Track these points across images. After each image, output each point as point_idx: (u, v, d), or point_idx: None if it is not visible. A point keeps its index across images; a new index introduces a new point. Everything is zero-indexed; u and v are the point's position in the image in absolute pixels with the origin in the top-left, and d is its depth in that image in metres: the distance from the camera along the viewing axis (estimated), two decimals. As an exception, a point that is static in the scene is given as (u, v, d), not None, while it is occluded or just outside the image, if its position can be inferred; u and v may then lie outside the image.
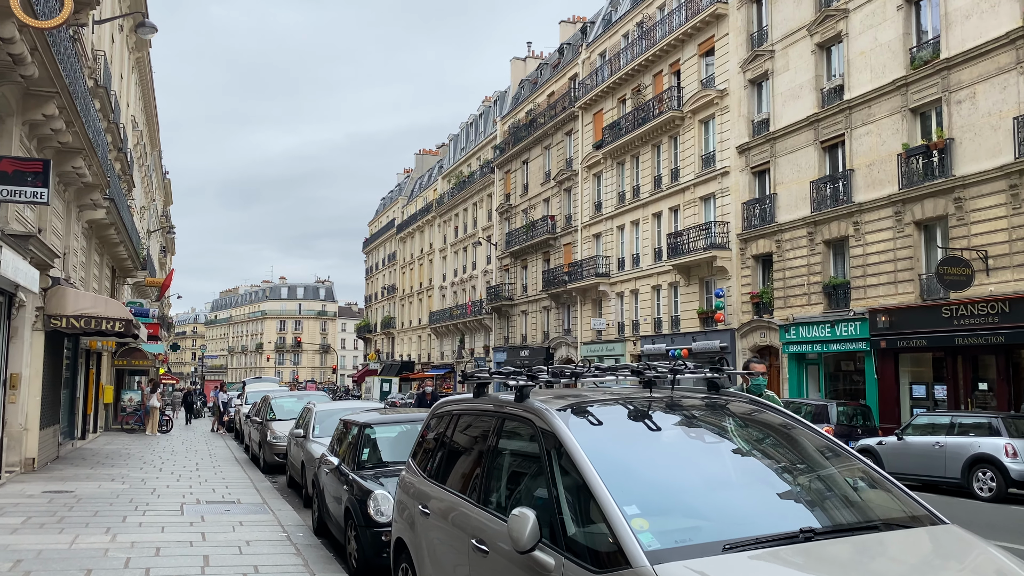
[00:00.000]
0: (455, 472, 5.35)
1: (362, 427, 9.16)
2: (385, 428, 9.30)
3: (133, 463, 18.24)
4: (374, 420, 9.32)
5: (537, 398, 4.69)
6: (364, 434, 9.08)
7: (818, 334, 25.93)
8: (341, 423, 10.43)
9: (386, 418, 9.47)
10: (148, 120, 45.58)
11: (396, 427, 9.36)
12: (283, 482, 16.23)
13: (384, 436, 9.23)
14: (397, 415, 9.59)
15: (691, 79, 33.87)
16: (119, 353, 30.60)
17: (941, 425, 16.70)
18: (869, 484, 4.26)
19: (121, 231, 26.19)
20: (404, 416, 9.55)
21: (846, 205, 25.23)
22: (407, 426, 9.35)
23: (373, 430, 9.19)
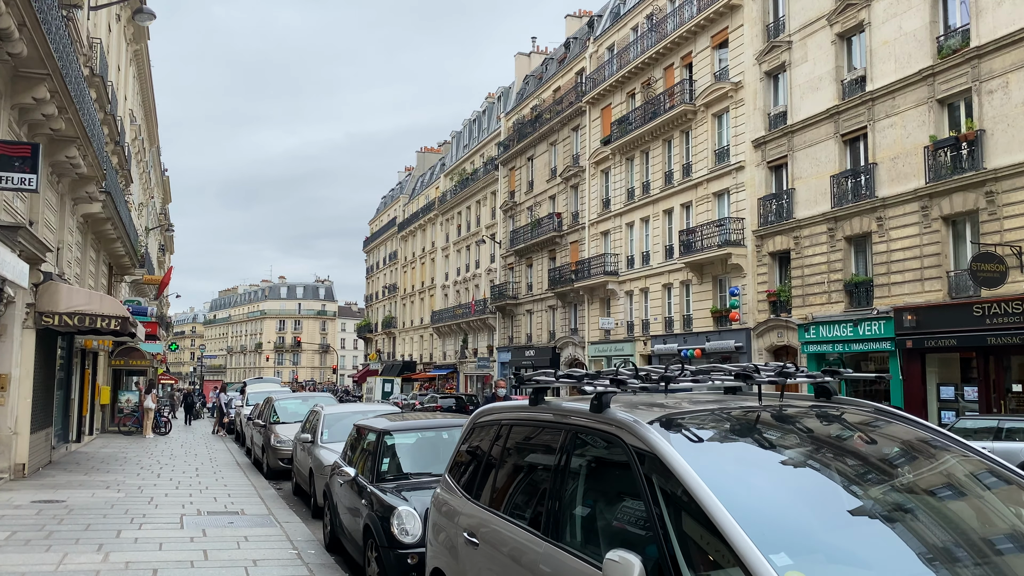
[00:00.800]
0: (510, 495, 4.48)
1: (380, 434, 8.28)
2: (406, 435, 8.42)
3: (129, 468, 17.35)
4: (394, 427, 8.44)
5: (619, 408, 3.81)
6: (383, 442, 8.21)
7: (839, 333, 25.07)
8: (355, 429, 9.56)
9: (407, 424, 8.59)
10: (147, 115, 44.70)
11: (417, 434, 8.49)
12: (288, 489, 15.36)
13: (405, 444, 8.36)
14: (419, 421, 8.71)
15: (704, 72, 33.00)
16: (116, 353, 29.71)
17: (987, 429, 15.83)
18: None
19: (118, 226, 25.31)
20: (426, 422, 8.67)
21: (869, 200, 24.37)
22: (429, 433, 8.48)
23: (392, 437, 8.31)
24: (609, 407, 3.82)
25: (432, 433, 8.47)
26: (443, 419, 8.82)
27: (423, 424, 8.61)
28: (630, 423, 3.54)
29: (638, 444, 3.42)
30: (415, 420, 8.76)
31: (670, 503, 3.15)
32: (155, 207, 55.82)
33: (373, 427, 8.63)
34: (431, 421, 8.68)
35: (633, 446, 3.45)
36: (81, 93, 16.36)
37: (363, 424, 9.18)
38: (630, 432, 3.51)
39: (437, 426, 8.57)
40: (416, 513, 6.98)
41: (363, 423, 9.26)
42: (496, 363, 52.90)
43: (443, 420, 8.76)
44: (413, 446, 8.35)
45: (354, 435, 9.59)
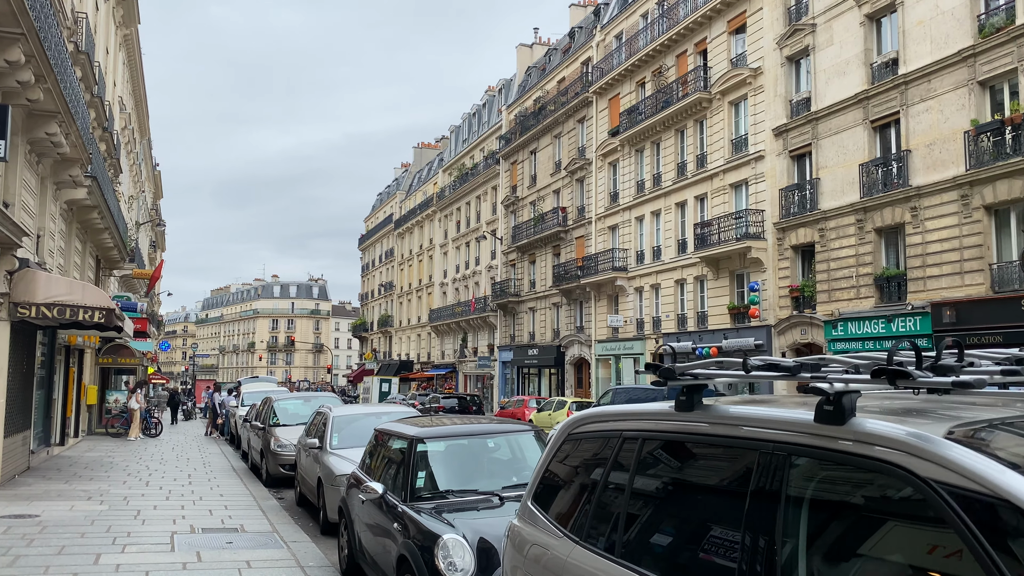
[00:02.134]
0: (663, 547, 3.05)
1: (412, 442, 6.85)
2: (444, 443, 6.99)
3: (115, 475, 15.87)
4: (428, 432, 7.00)
5: (879, 419, 2.39)
6: (416, 451, 6.78)
7: (870, 330, 23.73)
8: (377, 435, 8.14)
9: (443, 430, 7.15)
10: (137, 105, 43.16)
11: (458, 442, 7.05)
12: (291, 499, 13.92)
13: (444, 454, 6.94)
14: (457, 427, 7.26)
15: (720, 58, 31.64)
16: (103, 350, 28.20)
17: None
18: None
19: (106, 216, 23.81)
20: (467, 428, 7.22)
21: (902, 189, 23.03)
22: (472, 441, 7.05)
23: (427, 445, 6.88)
24: (854, 415, 2.40)
25: (475, 441, 7.05)
26: (487, 424, 7.39)
27: (463, 430, 7.17)
28: (931, 446, 2.12)
29: (963, 484, 1.99)
30: (451, 425, 7.32)
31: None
32: (146, 201, 54.23)
33: (402, 433, 7.20)
34: (473, 427, 7.25)
35: (939, 482, 2.04)
36: (63, 64, 14.90)
37: (388, 429, 7.75)
38: (933, 461, 2.09)
39: (481, 432, 7.15)
40: (466, 543, 5.57)
41: (387, 428, 7.83)
42: (497, 362, 51.48)
43: (487, 425, 7.33)
44: (453, 457, 6.93)
45: (374, 441, 8.17)
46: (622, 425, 3.54)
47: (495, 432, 7.14)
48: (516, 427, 7.30)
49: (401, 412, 12.28)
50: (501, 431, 7.15)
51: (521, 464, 6.97)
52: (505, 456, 7.07)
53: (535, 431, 7.31)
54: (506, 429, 7.21)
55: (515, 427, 7.30)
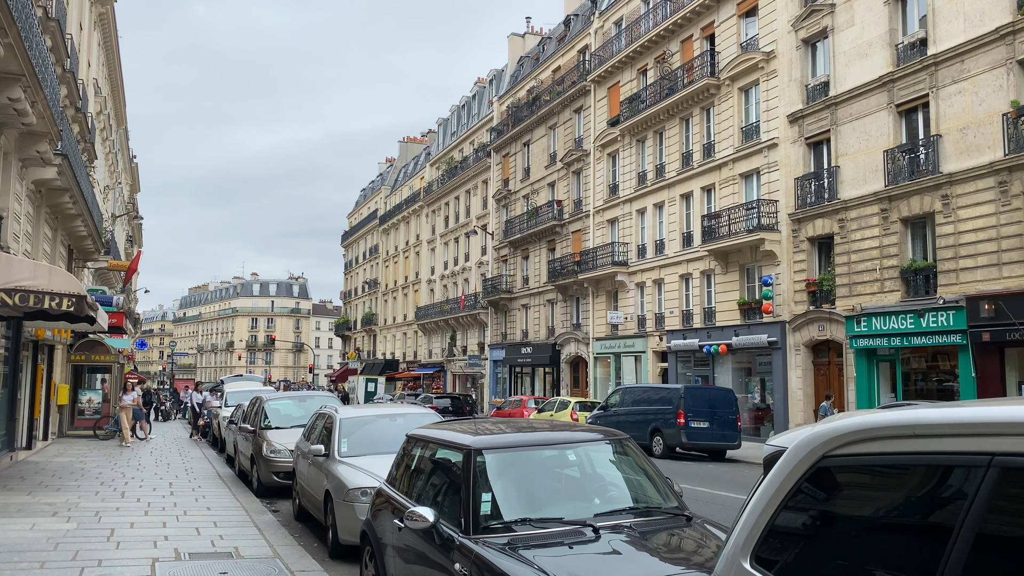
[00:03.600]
0: None
1: (471, 454, 5.27)
2: (514, 457, 5.40)
3: (87, 484, 14.15)
4: (490, 442, 5.41)
5: None
6: (477, 467, 5.20)
7: (897, 326, 22.38)
8: (412, 442, 6.56)
9: (511, 439, 5.54)
10: (114, 91, 41.19)
11: (533, 454, 5.46)
12: (287, 511, 12.28)
13: (514, 471, 5.36)
14: (524, 435, 5.65)
15: (729, 43, 30.25)
16: (76, 346, 26.34)
17: None
18: None
19: (79, 201, 22.01)
20: (538, 436, 5.62)
21: (932, 176, 21.71)
22: (548, 453, 5.48)
23: (491, 458, 5.29)
24: None
25: (553, 453, 5.48)
26: (562, 431, 5.78)
27: (535, 439, 5.57)
28: None
29: None
30: (515, 433, 5.72)
31: None
32: (123, 193, 52.15)
33: (454, 441, 5.61)
34: (545, 434, 5.65)
35: None
36: (27, 21, 13.18)
37: (430, 436, 6.16)
38: None
39: (558, 442, 5.56)
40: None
41: (429, 434, 6.24)
42: (488, 361, 49.89)
43: (563, 433, 5.73)
44: (526, 474, 5.36)
45: (407, 450, 6.59)
46: (981, 445, 1.97)
47: (576, 441, 5.57)
48: (599, 435, 5.74)
49: (418, 413, 10.69)
50: (583, 440, 5.60)
51: (610, 483, 5.44)
52: (587, 472, 5.52)
53: (620, 439, 5.75)
54: (589, 437, 5.64)
55: (597, 435, 5.74)
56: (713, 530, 4.94)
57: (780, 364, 26.76)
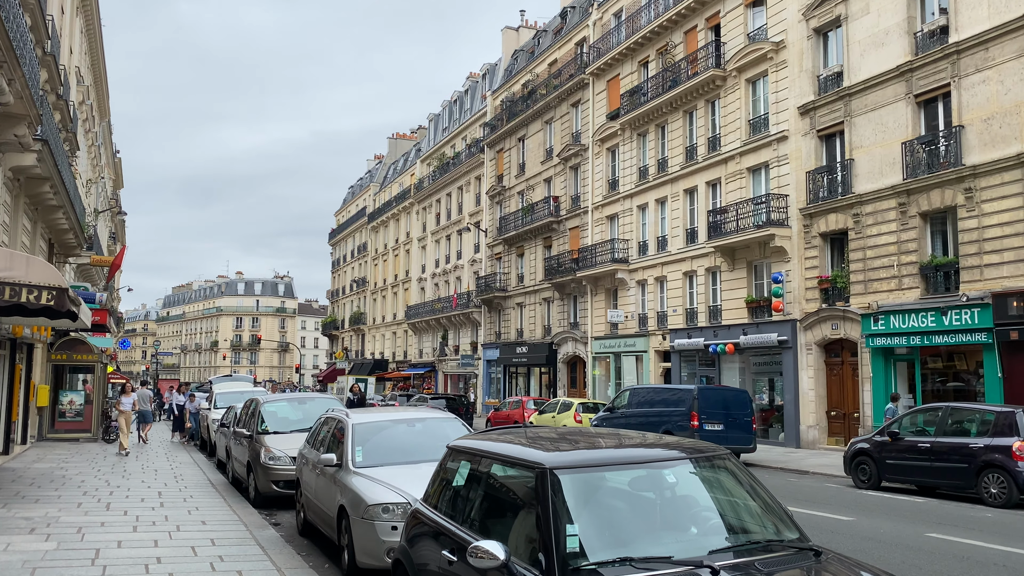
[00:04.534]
0: None
1: (547, 475, 4.26)
2: (601, 478, 4.40)
3: (68, 494, 13.03)
4: (571, 459, 4.40)
5: None
6: (554, 490, 4.19)
7: (916, 324, 21.54)
8: (452, 455, 5.55)
9: (594, 456, 4.52)
10: (97, 82, 39.87)
11: (625, 475, 4.46)
12: (289, 524, 11.25)
13: (604, 497, 4.36)
14: (613, 451, 4.63)
15: (735, 33, 29.37)
16: (57, 345, 25.13)
17: None
18: None
19: (60, 192, 20.82)
20: (630, 453, 4.60)
21: (954, 169, 20.88)
22: (645, 472, 4.48)
23: (573, 480, 4.28)
24: None
25: (649, 473, 4.47)
26: (657, 448, 4.75)
27: (623, 456, 4.54)
28: None
29: None
30: (596, 450, 4.70)
31: None
32: (106, 188, 50.75)
33: (517, 457, 4.60)
34: (637, 451, 4.63)
35: None
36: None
37: (479, 449, 5.15)
38: None
39: (653, 460, 4.54)
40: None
41: (475, 446, 5.24)
42: (481, 361, 48.86)
43: (653, 451, 4.70)
44: (618, 501, 4.35)
45: (452, 465, 5.58)
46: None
47: (672, 459, 4.56)
48: (698, 450, 4.74)
49: (439, 418, 9.69)
50: (679, 457, 4.58)
51: (717, 510, 4.44)
52: (688, 496, 4.52)
53: (721, 455, 4.75)
54: (687, 453, 4.64)
55: (695, 450, 4.74)
56: (859, 571, 3.96)
57: (791, 364, 25.90)
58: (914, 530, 10.80)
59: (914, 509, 13.07)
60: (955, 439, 14.36)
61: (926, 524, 11.42)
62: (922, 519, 11.95)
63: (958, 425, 14.62)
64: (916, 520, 11.78)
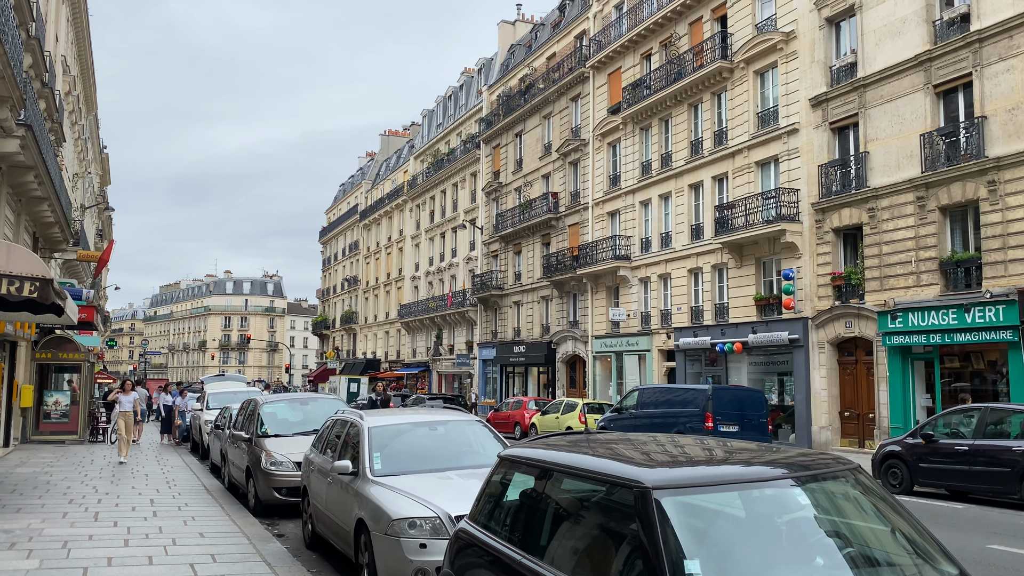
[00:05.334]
0: None
1: (647, 497, 3.39)
2: (717, 500, 3.55)
3: (52, 502, 12.11)
4: (676, 477, 3.56)
5: None
6: (662, 517, 3.35)
7: (937, 321, 20.83)
8: (505, 465, 4.71)
9: (702, 474, 3.66)
10: (83, 74, 38.81)
11: (742, 495, 3.62)
12: (294, 534, 10.39)
13: (722, 524, 3.52)
14: (726, 468, 3.75)
15: (743, 24, 28.62)
16: (42, 344, 24.13)
17: None
18: None
19: (45, 183, 19.84)
20: (750, 471, 3.74)
21: (976, 161, 20.19)
22: (769, 492, 3.64)
23: (676, 505, 3.44)
24: None
25: (771, 492, 3.63)
26: (770, 465, 3.89)
27: (742, 473, 3.71)
28: None
29: None
30: (710, 467, 3.87)
31: None
32: (93, 184, 49.61)
33: (604, 472, 3.76)
34: (747, 468, 3.79)
35: None
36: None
37: (545, 460, 4.31)
38: None
39: (770, 477, 3.69)
40: None
41: (538, 456, 4.40)
42: (477, 360, 47.99)
43: (772, 468, 3.84)
44: (742, 528, 3.52)
45: (498, 479, 4.74)
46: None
47: (803, 477, 3.70)
48: (828, 465, 3.90)
49: (463, 420, 8.84)
50: (809, 474, 3.73)
51: (860, 540, 3.60)
52: (825, 523, 3.67)
53: (852, 469, 3.92)
54: (816, 469, 3.79)
55: (826, 465, 3.90)
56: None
57: (802, 363, 25.16)
58: (971, 541, 10.03)
59: (958, 516, 12.30)
60: (995, 441, 13.60)
61: (981, 534, 10.65)
62: (973, 528, 11.18)
63: (997, 427, 13.84)
64: (967, 530, 11.01)
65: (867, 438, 23.31)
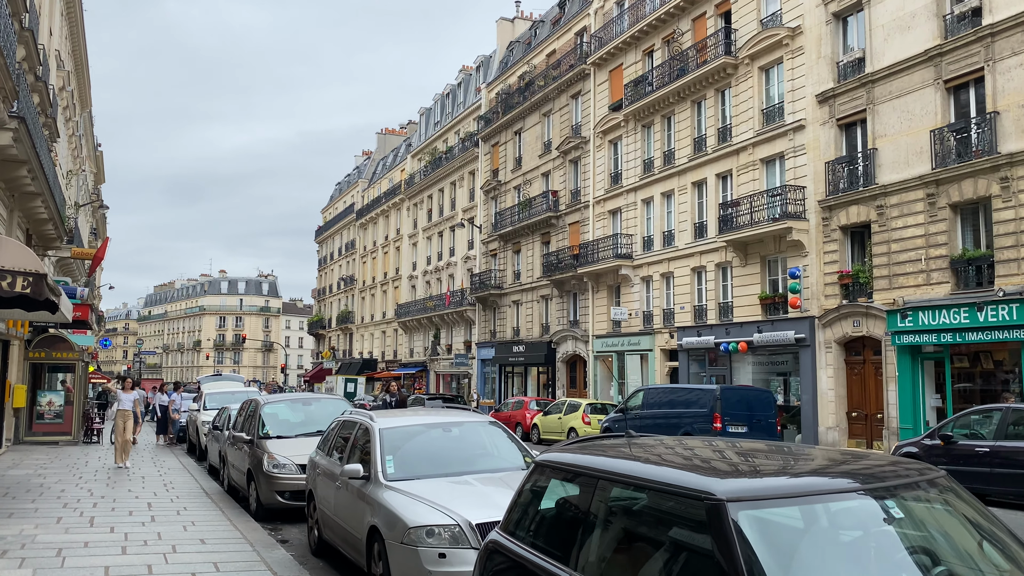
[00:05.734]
0: None
1: (723, 512, 2.92)
2: (805, 515, 3.15)
3: (46, 507, 11.67)
4: (755, 489, 3.16)
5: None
6: (740, 536, 2.93)
7: (948, 320, 20.49)
8: (542, 471, 4.32)
9: (797, 485, 3.25)
10: (78, 70, 38.33)
11: (831, 509, 3.21)
12: (298, 540, 9.98)
13: (811, 545, 3.12)
14: (823, 480, 3.35)
15: (747, 19, 28.27)
16: (35, 343, 23.65)
17: None
18: None
19: (39, 178, 19.38)
20: (839, 483, 3.34)
21: (989, 157, 19.85)
22: (867, 502, 3.24)
23: (756, 521, 3.04)
24: None
25: (870, 505, 3.22)
26: (861, 476, 3.49)
27: (829, 485, 3.30)
28: None
29: None
30: (793, 477, 3.47)
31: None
32: (87, 182, 49.08)
33: (664, 482, 3.35)
34: (836, 480, 3.39)
35: None
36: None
37: (590, 466, 3.91)
38: None
39: (861, 488, 3.28)
40: None
41: (582, 463, 4.01)
42: (476, 360, 47.57)
43: (866, 481, 3.45)
44: (834, 548, 3.12)
45: (531, 486, 4.34)
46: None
47: (894, 487, 3.29)
48: (921, 474, 3.49)
49: (477, 422, 8.44)
50: (901, 483, 3.33)
51: (964, 562, 3.20)
52: (922, 541, 3.27)
53: (942, 477, 3.52)
54: (908, 478, 3.39)
55: (918, 474, 3.49)
56: None
57: (808, 363, 24.81)
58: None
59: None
60: (1017, 443, 13.23)
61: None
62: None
63: (1019, 427, 13.47)
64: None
65: (875, 439, 22.97)
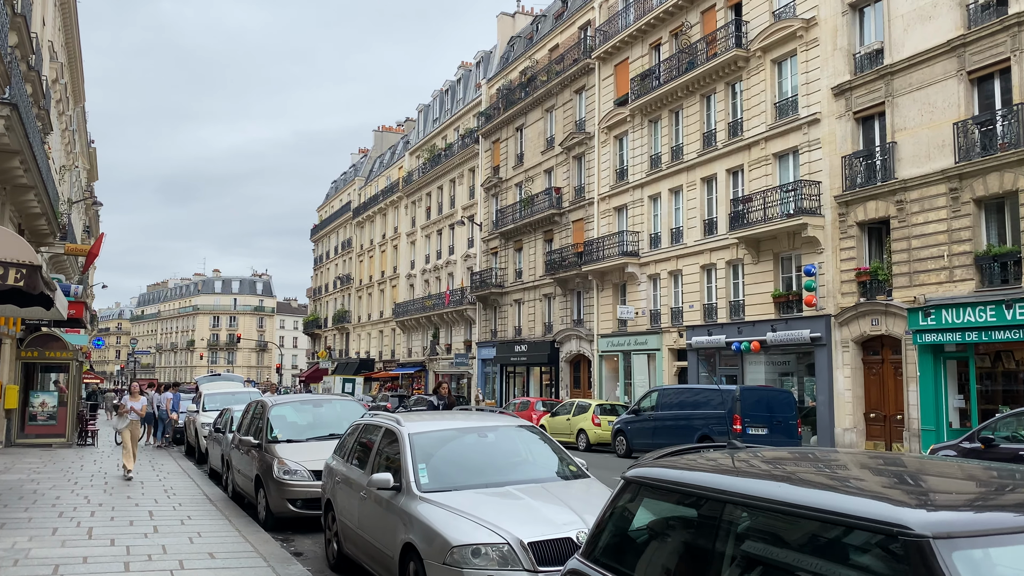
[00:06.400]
0: None
1: (927, 552, 2.31)
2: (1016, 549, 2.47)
3: (40, 516, 10.92)
4: (970, 524, 2.47)
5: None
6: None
7: (973, 319, 19.86)
8: (638, 488, 3.62)
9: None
10: (71, 62, 37.48)
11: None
12: (312, 552, 9.27)
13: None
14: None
15: (759, 11, 27.63)
16: (27, 342, 22.84)
17: None
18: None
19: (32, 170, 18.63)
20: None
21: (1015, 151, 19.24)
22: None
23: (978, 562, 2.35)
24: None
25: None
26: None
27: None
28: None
29: None
30: (1005, 513, 2.80)
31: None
32: (80, 178, 48.23)
33: (847, 513, 2.63)
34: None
35: None
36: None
37: (735, 490, 3.20)
38: None
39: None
40: None
41: (710, 482, 3.30)
42: (476, 360, 46.84)
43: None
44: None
45: (621, 504, 3.65)
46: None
47: None
48: None
49: (512, 425, 7.74)
50: None
51: None
52: None
53: None
54: None
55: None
56: None
57: (824, 362, 24.17)
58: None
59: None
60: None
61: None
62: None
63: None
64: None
65: (895, 440, 22.35)
